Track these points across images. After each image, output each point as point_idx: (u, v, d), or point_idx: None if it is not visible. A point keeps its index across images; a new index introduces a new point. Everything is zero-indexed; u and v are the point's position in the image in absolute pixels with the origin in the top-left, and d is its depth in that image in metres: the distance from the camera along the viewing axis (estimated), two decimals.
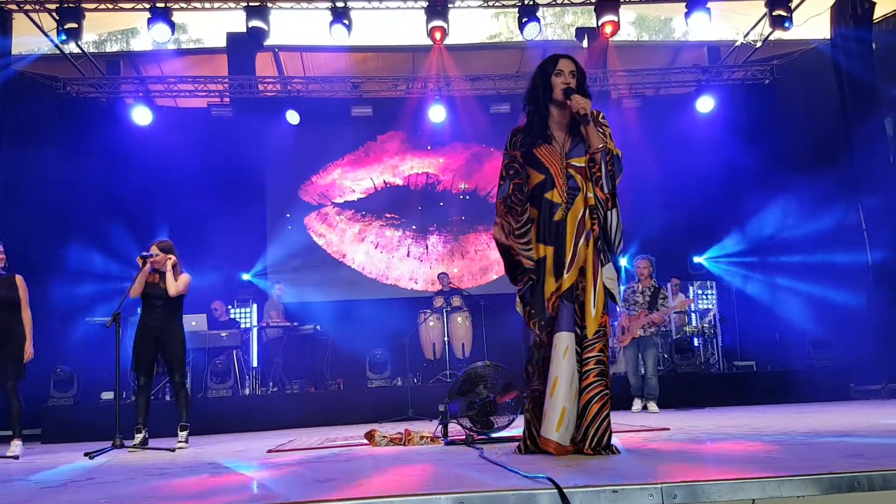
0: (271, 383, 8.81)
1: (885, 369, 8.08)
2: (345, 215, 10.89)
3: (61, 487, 3.11)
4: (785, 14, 8.69)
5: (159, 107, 10.37)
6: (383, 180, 11.00)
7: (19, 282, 5.49)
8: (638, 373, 7.27)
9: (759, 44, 10.00)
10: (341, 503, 1.99)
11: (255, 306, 9.82)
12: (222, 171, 9.98)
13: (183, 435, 5.40)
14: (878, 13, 8.90)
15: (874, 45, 8.84)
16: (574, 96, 3.18)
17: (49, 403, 7.54)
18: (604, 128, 3.22)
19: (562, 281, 3.11)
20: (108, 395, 7.70)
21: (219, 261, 9.36)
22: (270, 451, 4.47)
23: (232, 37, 10.30)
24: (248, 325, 9.54)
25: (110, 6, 8.72)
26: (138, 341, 5.46)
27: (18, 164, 8.85)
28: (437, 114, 10.40)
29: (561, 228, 3.15)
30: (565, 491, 1.95)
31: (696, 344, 9.07)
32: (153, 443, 5.34)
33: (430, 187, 11.03)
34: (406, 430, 4.46)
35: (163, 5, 8.54)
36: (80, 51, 9.71)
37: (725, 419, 5.37)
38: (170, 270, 5.47)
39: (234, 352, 8.55)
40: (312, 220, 10.82)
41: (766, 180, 9.85)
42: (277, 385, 8.82)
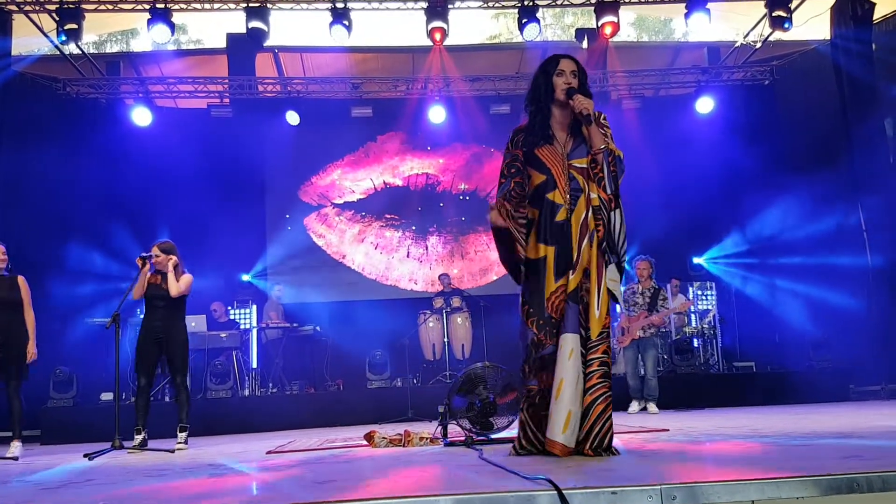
0: (271, 384, 8.81)
1: (885, 370, 8.09)
2: (344, 216, 10.88)
3: (60, 488, 3.11)
4: (785, 15, 8.69)
5: (159, 107, 10.37)
6: (383, 181, 11.00)
7: (21, 283, 5.51)
8: (637, 374, 7.26)
9: (758, 44, 9.99)
10: None
11: (254, 307, 9.82)
12: (222, 171, 9.99)
13: (182, 436, 5.40)
14: (877, 14, 8.91)
15: (874, 46, 8.85)
16: (576, 96, 3.17)
17: (48, 404, 7.55)
18: (605, 129, 3.21)
19: (567, 282, 3.10)
20: (107, 397, 7.70)
21: (218, 261, 9.36)
22: (270, 453, 4.47)
23: (232, 37, 10.31)
24: (247, 325, 9.53)
25: (110, 7, 8.72)
26: (141, 342, 5.48)
27: (18, 164, 8.86)
28: (437, 114, 10.40)
29: (564, 229, 3.14)
30: (565, 492, 1.95)
31: (695, 345, 9.07)
32: (153, 444, 5.34)
33: (429, 188, 11.03)
34: (405, 431, 4.46)
35: (162, 6, 8.54)
36: (80, 51, 9.71)
37: (725, 420, 5.37)
38: (171, 271, 5.48)
39: (233, 353, 8.56)
40: (312, 220, 10.82)
41: (765, 181, 9.84)
42: (277, 386, 8.82)
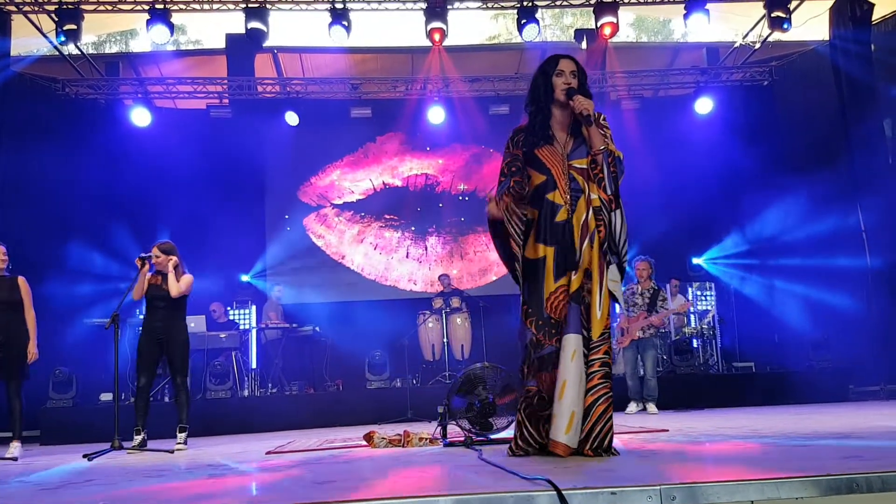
0: (270, 385, 8.80)
1: (885, 370, 8.10)
2: (344, 216, 10.88)
3: (59, 489, 3.11)
4: (784, 15, 8.69)
5: (158, 108, 10.37)
6: (382, 181, 11.00)
7: (22, 283, 5.52)
8: (636, 375, 7.26)
9: (757, 45, 10.00)
10: None
11: (253, 308, 9.81)
12: (221, 172, 9.98)
13: (182, 436, 5.40)
14: (876, 14, 8.93)
15: (873, 47, 8.86)
16: (577, 97, 3.16)
17: (48, 405, 7.54)
18: (605, 130, 3.21)
19: (568, 282, 3.10)
20: (106, 397, 7.69)
21: (218, 262, 9.35)
22: (269, 453, 4.46)
23: (231, 38, 10.31)
24: (246, 326, 9.53)
25: (109, 7, 8.72)
26: (142, 342, 5.49)
27: (17, 165, 8.86)
28: (436, 115, 10.40)
29: (564, 229, 3.14)
30: (564, 493, 1.95)
31: (695, 345, 9.08)
32: (152, 444, 5.34)
33: (429, 188, 11.02)
34: (405, 431, 4.46)
35: (162, 6, 8.54)
36: (79, 52, 9.70)
37: (724, 420, 5.37)
38: (172, 272, 5.48)
39: (232, 353, 8.55)
40: (311, 221, 10.82)
41: (764, 181, 9.85)
42: (276, 386, 8.81)
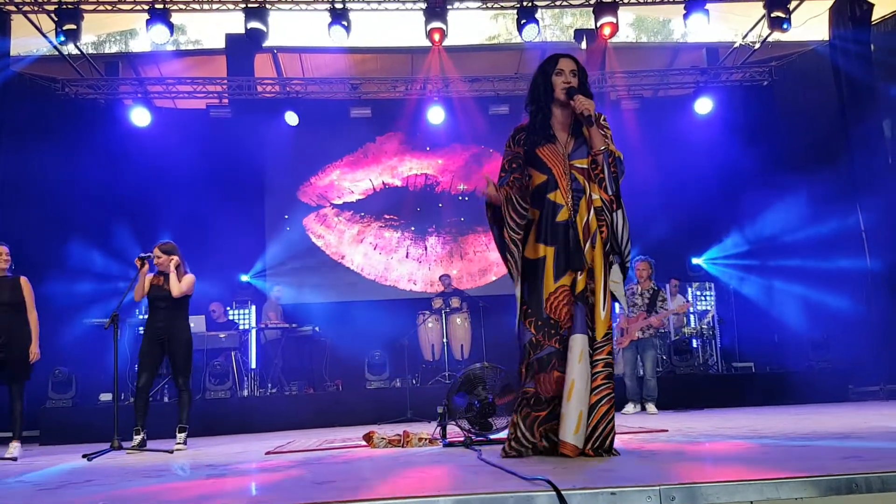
0: (270, 385, 8.80)
1: (884, 370, 8.10)
2: (343, 216, 10.88)
3: (59, 489, 3.11)
4: (783, 15, 8.70)
5: (158, 108, 10.37)
6: (382, 181, 11.00)
7: (24, 283, 5.52)
8: (635, 375, 7.25)
9: (757, 45, 10.00)
10: None
11: (253, 308, 9.81)
12: (221, 172, 9.98)
13: (182, 437, 5.40)
14: (876, 15, 8.93)
15: (872, 47, 8.86)
16: (577, 97, 3.15)
17: (47, 405, 7.54)
18: (605, 130, 3.20)
19: (571, 282, 3.09)
20: (106, 397, 7.69)
21: (217, 262, 9.33)
22: (269, 453, 4.46)
23: (231, 38, 10.31)
24: (246, 326, 9.53)
25: (109, 7, 8.72)
26: (144, 342, 5.52)
27: (17, 164, 8.86)
28: (436, 115, 10.40)
29: (565, 230, 3.13)
30: (564, 493, 1.94)
31: (694, 345, 9.08)
32: (151, 444, 5.34)
33: (428, 188, 11.02)
34: (405, 431, 4.45)
35: (161, 6, 8.54)
36: (79, 52, 9.69)
37: (724, 421, 5.37)
38: (173, 272, 5.49)
39: (232, 353, 8.56)
40: (311, 221, 10.82)
41: (764, 182, 9.85)
42: (276, 386, 8.81)
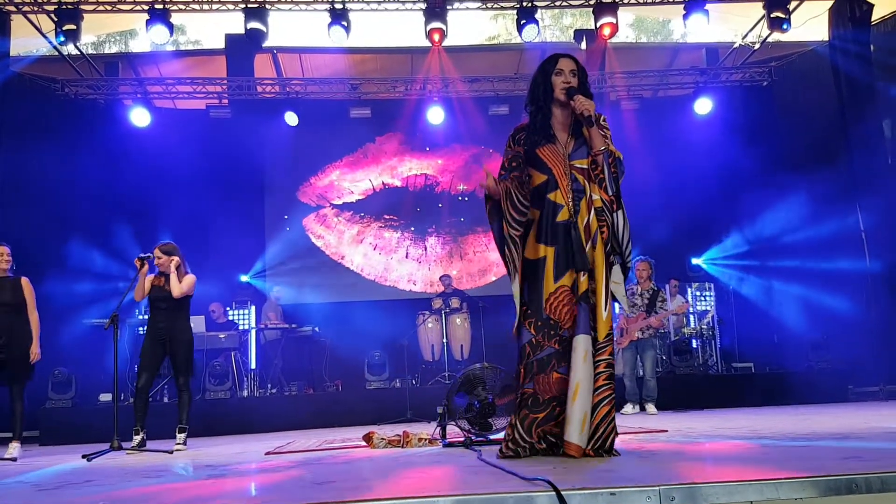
0: (270, 385, 8.80)
1: (884, 371, 8.11)
2: (343, 217, 10.88)
3: (58, 489, 3.11)
4: (783, 16, 8.70)
5: (158, 108, 10.37)
6: (382, 182, 11.00)
7: (25, 284, 5.53)
8: (634, 376, 7.24)
9: (757, 45, 10.00)
10: None
11: (253, 308, 9.80)
12: (221, 172, 9.98)
13: (181, 437, 5.41)
14: (876, 15, 8.94)
15: (872, 47, 8.87)
16: (577, 97, 3.15)
17: (47, 405, 7.54)
18: (605, 130, 3.20)
19: (572, 282, 3.08)
20: (106, 397, 7.69)
21: (217, 262, 9.34)
22: (268, 454, 4.46)
23: (230, 38, 10.32)
24: (246, 326, 9.52)
25: (108, 7, 8.72)
26: (145, 342, 5.54)
27: (17, 165, 8.86)
28: (436, 115, 10.40)
29: (565, 230, 3.12)
30: (563, 493, 1.94)
31: (694, 346, 9.07)
32: (151, 445, 5.34)
33: (428, 189, 11.02)
34: (404, 431, 4.45)
35: (161, 6, 8.54)
36: (79, 52, 9.68)
37: (723, 421, 5.37)
38: (173, 272, 5.49)
39: (232, 353, 8.56)
40: (311, 221, 10.82)
41: (764, 182, 9.84)
42: (276, 387, 8.81)
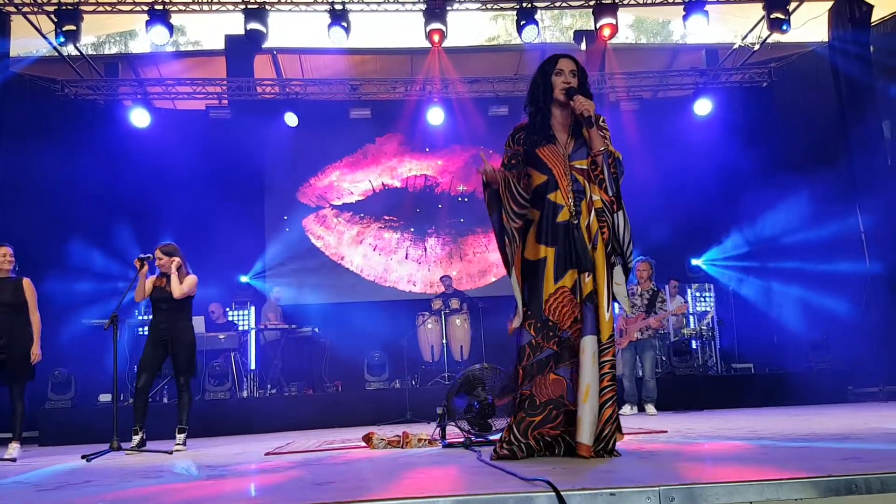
0: (269, 386, 8.80)
1: (884, 371, 8.11)
2: (343, 217, 10.88)
3: (58, 490, 3.11)
4: (783, 17, 8.70)
5: (157, 109, 10.37)
6: (381, 182, 11.00)
7: (27, 285, 5.53)
8: (633, 376, 7.24)
9: (756, 46, 10.01)
10: None
11: (253, 308, 9.80)
12: (221, 173, 9.98)
13: (181, 437, 5.41)
14: (875, 16, 8.95)
15: (872, 48, 8.88)
16: (577, 97, 3.14)
17: (47, 406, 7.54)
18: (604, 131, 3.20)
19: (576, 284, 3.08)
20: (105, 398, 7.69)
21: (217, 263, 9.32)
22: (268, 454, 4.46)
23: (230, 39, 10.32)
24: (246, 327, 9.52)
25: (108, 8, 8.72)
26: (147, 343, 5.56)
27: (17, 165, 8.85)
28: (436, 116, 10.40)
29: (566, 230, 3.11)
30: (563, 494, 1.94)
31: (693, 346, 9.07)
32: (151, 445, 5.34)
33: (428, 189, 11.02)
34: (404, 432, 4.45)
35: (161, 7, 8.54)
36: (79, 53, 9.68)
37: (723, 422, 5.37)
38: (174, 273, 5.50)
39: (231, 354, 8.56)
40: (311, 222, 10.82)
41: (763, 183, 9.84)
42: (275, 387, 8.81)
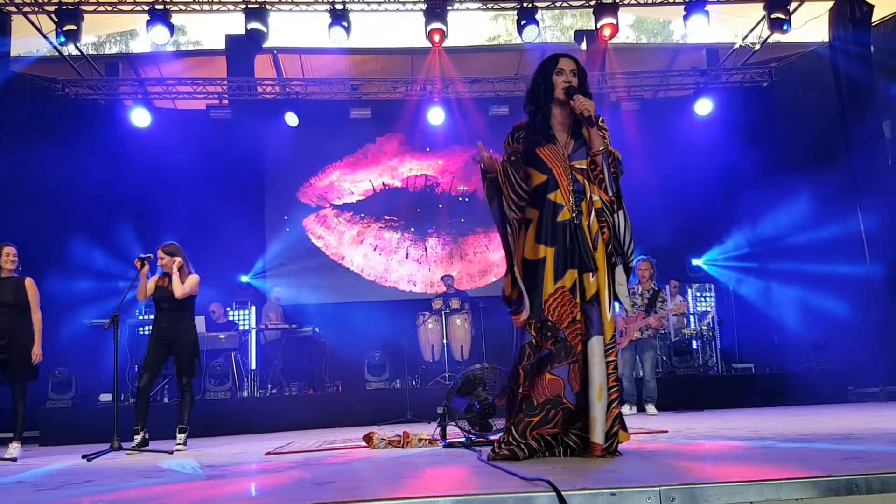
0: (270, 385, 8.80)
1: (884, 372, 8.10)
2: (343, 217, 10.88)
3: (58, 489, 3.11)
4: (783, 17, 8.70)
5: (158, 109, 10.37)
6: (382, 182, 11.00)
7: (29, 285, 5.54)
8: (632, 377, 7.23)
9: (757, 46, 10.00)
10: None
11: (253, 308, 9.80)
12: (221, 173, 9.98)
13: (182, 437, 5.41)
14: (876, 16, 8.94)
15: (872, 48, 8.87)
16: (577, 97, 3.14)
17: (47, 405, 7.54)
18: (603, 131, 3.20)
19: (578, 284, 3.07)
20: (106, 398, 7.70)
21: (217, 263, 9.32)
22: (269, 454, 4.46)
23: (231, 39, 10.32)
24: (246, 327, 9.52)
25: (109, 8, 8.72)
26: (150, 343, 5.57)
27: (17, 165, 8.85)
28: (436, 116, 10.40)
29: (566, 230, 3.10)
30: (564, 494, 1.94)
31: (694, 346, 9.07)
32: (151, 445, 5.34)
33: (428, 189, 11.02)
34: (404, 432, 4.45)
35: (161, 7, 8.54)
36: (79, 53, 9.69)
37: (724, 422, 5.37)
38: (175, 273, 5.50)
39: (232, 354, 8.56)
40: (311, 221, 10.82)
41: (764, 183, 9.84)
42: (276, 387, 8.81)
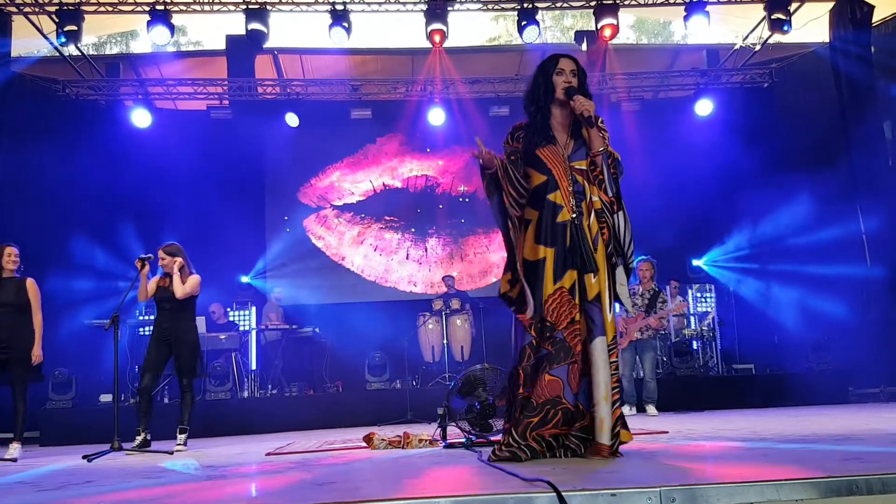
0: (270, 386, 8.80)
1: (884, 372, 8.09)
2: (344, 218, 10.88)
3: (58, 490, 3.11)
4: (784, 17, 8.70)
5: (158, 109, 10.37)
6: (382, 183, 11.00)
7: (30, 285, 5.53)
8: (632, 377, 7.23)
9: (757, 47, 10.01)
10: None
11: (253, 309, 9.80)
12: (221, 173, 9.98)
13: (182, 438, 5.41)
14: (876, 17, 8.94)
15: (873, 49, 8.87)
16: (577, 97, 3.14)
17: (47, 406, 7.54)
18: (603, 132, 3.20)
19: (578, 284, 3.07)
20: (106, 398, 7.70)
21: (218, 263, 9.31)
22: (269, 454, 4.46)
23: (231, 39, 10.32)
24: (246, 327, 9.52)
25: (110, 8, 8.72)
26: (150, 343, 5.57)
27: (18, 165, 8.85)
28: (437, 116, 10.39)
29: (565, 231, 3.10)
30: (564, 494, 1.94)
31: (694, 347, 9.07)
32: (152, 445, 5.34)
33: (429, 190, 11.02)
34: (405, 432, 4.45)
35: (162, 7, 8.55)
36: (80, 53, 9.69)
37: (724, 422, 5.37)
38: (176, 273, 5.51)
39: (232, 354, 8.56)
40: (311, 222, 10.82)
41: (764, 183, 9.83)
42: (276, 388, 8.81)
